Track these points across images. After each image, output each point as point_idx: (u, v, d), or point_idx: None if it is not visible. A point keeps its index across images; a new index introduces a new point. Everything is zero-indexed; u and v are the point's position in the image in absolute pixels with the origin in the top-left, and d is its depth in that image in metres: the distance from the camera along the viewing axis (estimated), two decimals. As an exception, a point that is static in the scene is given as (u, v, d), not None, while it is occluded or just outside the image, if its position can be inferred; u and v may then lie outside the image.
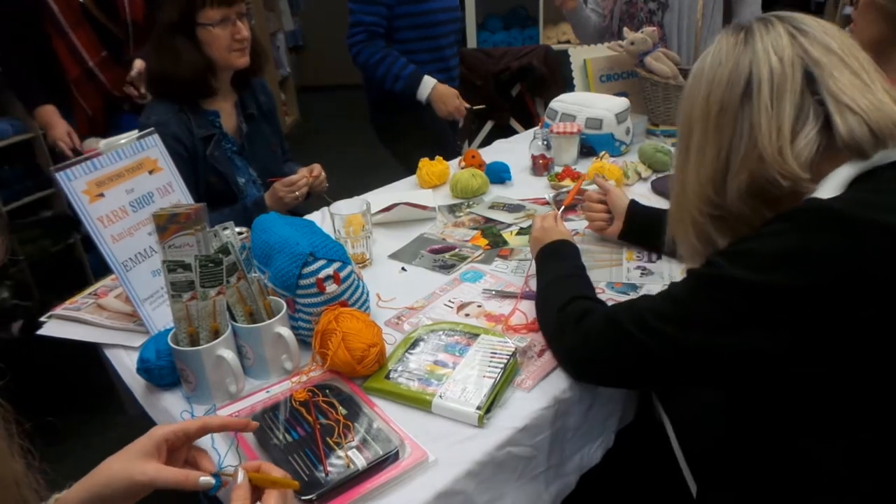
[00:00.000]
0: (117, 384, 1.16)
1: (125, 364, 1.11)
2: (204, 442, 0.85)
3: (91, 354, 1.22)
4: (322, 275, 1.05)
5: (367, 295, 1.15)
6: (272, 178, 1.69)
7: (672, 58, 1.99)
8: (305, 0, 5.71)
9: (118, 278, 1.11)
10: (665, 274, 1.26)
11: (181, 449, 0.75)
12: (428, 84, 2.08)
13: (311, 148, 4.63)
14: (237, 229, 1.19)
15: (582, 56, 2.13)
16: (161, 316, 1.14)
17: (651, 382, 1.01)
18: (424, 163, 1.78)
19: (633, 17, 2.21)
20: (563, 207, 1.44)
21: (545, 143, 1.79)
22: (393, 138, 2.31)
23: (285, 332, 1.01)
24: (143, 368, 1.01)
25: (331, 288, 1.05)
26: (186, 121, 1.60)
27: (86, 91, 2.04)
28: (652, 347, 0.82)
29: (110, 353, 1.16)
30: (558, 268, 1.14)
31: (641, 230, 1.33)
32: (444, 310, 1.20)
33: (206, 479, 0.71)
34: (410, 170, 1.87)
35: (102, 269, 1.16)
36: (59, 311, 1.24)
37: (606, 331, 0.89)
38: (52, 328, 1.21)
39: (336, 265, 1.07)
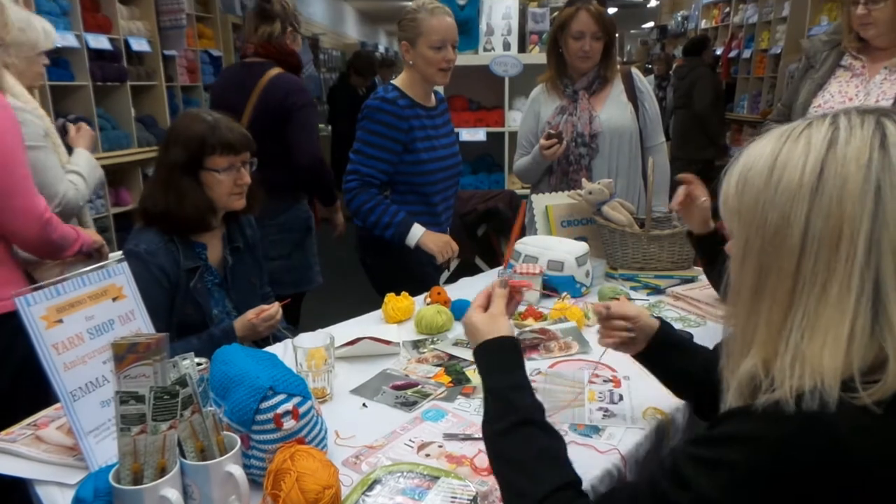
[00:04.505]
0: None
1: (58, 503, 1.03)
2: None
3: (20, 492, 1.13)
4: (280, 410, 1.02)
5: (326, 432, 1.12)
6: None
7: (628, 208, 2.12)
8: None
9: (63, 407, 1.06)
10: (627, 416, 1.26)
11: None
12: (417, 232, 2.14)
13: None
14: (196, 360, 1.17)
15: (544, 202, 2.26)
16: (104, 450, 1.08)
17: None
18: (390, 298, 1.81)
19: (566, 157, 2.37)
20: (506, 287, 1.08)
21: (509, 282, 1.84)
22: (380, 278, 2.31)
23: (236, 470, 0.97)
24: (78, 509, 0.94)
25: (288, 424, 1.02)
26: (174, 252, 1.60)
27: None
28: None
29: (41, 490, 1.07)
30: (517, 398, 0.95)
31: (664, 358, 1.21)
32: (404, 449, 1.16)
33: None
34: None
35: None
36: (-8, 442, 1.16)
37: None
38: (-20, 461, 1.13)
39: (296, 400, 1.04)
